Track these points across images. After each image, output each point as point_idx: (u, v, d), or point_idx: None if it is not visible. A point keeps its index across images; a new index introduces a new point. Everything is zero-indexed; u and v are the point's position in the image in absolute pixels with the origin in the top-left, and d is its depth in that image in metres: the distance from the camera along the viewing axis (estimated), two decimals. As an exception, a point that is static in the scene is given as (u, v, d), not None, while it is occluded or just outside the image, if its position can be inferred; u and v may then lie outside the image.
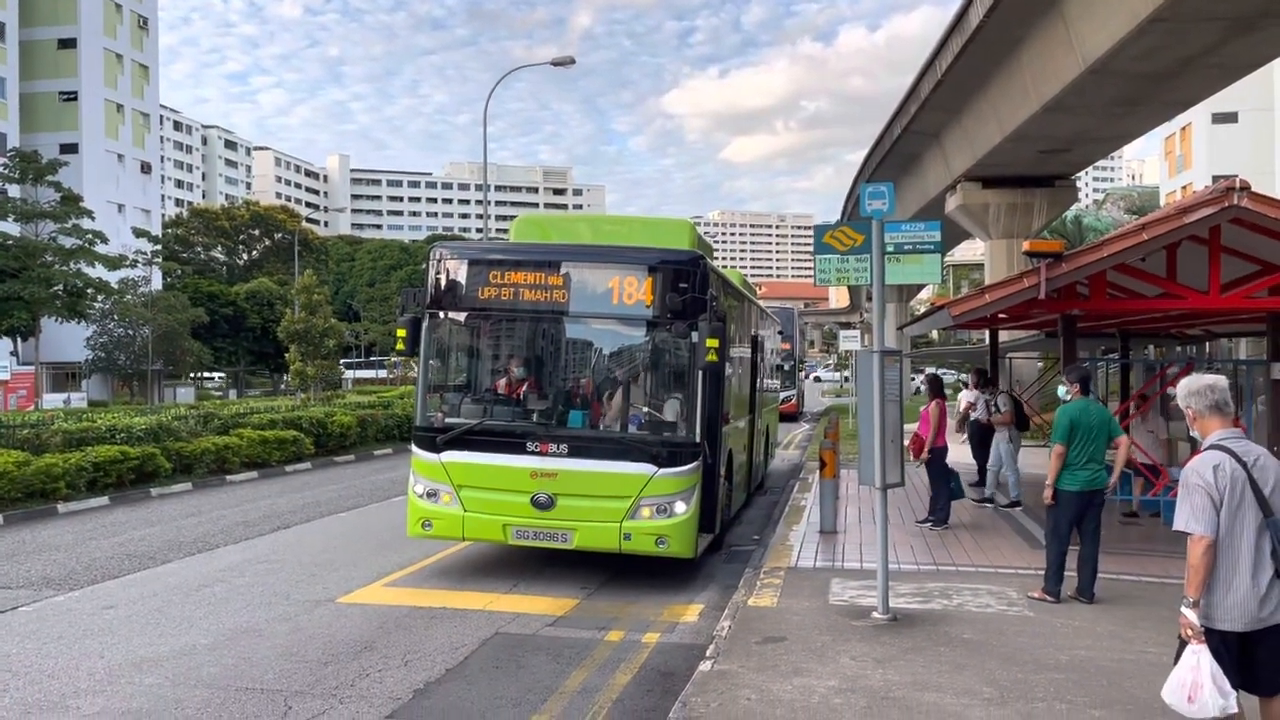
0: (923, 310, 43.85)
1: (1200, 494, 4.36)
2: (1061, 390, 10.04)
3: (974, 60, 23.54)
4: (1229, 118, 53.01)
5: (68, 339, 53.27)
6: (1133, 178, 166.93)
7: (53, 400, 44.75)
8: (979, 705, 5.94)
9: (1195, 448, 4.73)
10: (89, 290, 48.21)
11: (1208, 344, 19.30)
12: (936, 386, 13.08)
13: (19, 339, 48.10)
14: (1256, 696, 4.55)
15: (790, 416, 35.52)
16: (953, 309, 10.75)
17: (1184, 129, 56.80)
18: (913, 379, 44.07)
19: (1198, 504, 4.36)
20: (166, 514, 14.55)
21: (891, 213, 8.09)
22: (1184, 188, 55.24)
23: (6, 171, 46.98)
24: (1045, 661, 6.81)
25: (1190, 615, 4.34)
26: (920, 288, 66.64)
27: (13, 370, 43.68)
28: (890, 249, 8.11)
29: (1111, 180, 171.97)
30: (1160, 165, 68.57)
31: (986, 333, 19.63)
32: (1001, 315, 12.53)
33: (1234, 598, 4.34)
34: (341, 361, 62.08)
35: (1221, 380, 4.64)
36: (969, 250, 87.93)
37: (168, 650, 7.50)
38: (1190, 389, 4.65)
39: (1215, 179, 44.32)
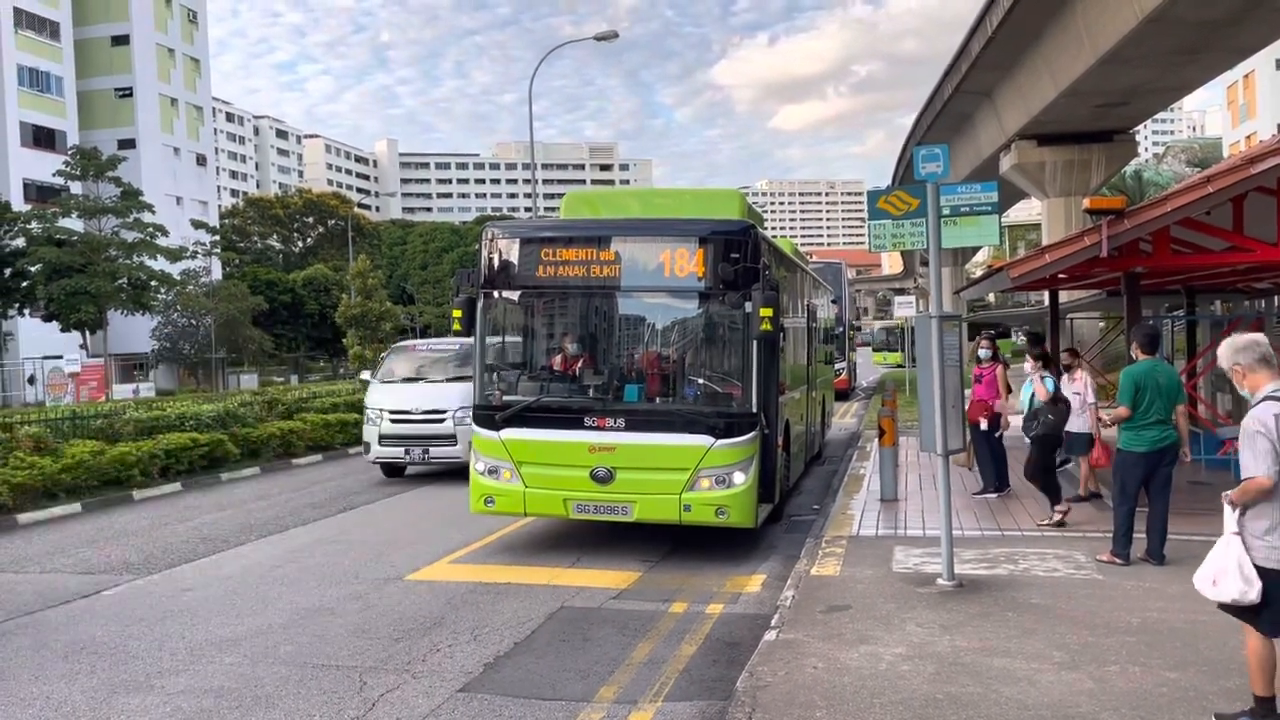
0: (979, 273, 43.14)
1: (1262, 439, 4.57)
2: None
3: (1025, 14, 23.01)
4: (1295, 63, 51.19)
5: (133, 331, 54.65)
6: (1194, 129, 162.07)
7: (122, 391, 45.94)
8: (1050, 669, 5.90)
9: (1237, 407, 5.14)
10: (152, 282, 49.33)
11: (1277, 298, 18.73)
12: (994, 351, 12.86)
13: (87, 332, 49.40)
14: None
15: (841, 394, 30.43)
16: (1012, 270, 10.59)
17: (1247, 77, 55.04)
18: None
19: (1261, 449, 4.58)
20: (237, 498, 14.92)
21: (946, 175, 7.96)
22: (1248, 137, 53.56)
23: (68, 169, 48.14)
24: (1116, 624, 6.73)
25: (1230, 519, 4.73)
26: (976, 250, 65.57)
27: (82, 363, 44.86)
28: (946, 212, 7.99)
29: (1172, 133, 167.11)
30: (1223, 115, 66.58)
31: (1046, 294, 19.27)
32: (1062, 275, 12.27)
33: None
34: None
35: (1262, 336, 4.90)
36: (1024, 210, 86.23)
37: (245, 630, 7.72)
38: (1236, 346, 4.85)
39: (1282, 127, 42.85)
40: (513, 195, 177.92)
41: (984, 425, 12.24)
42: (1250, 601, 4.67)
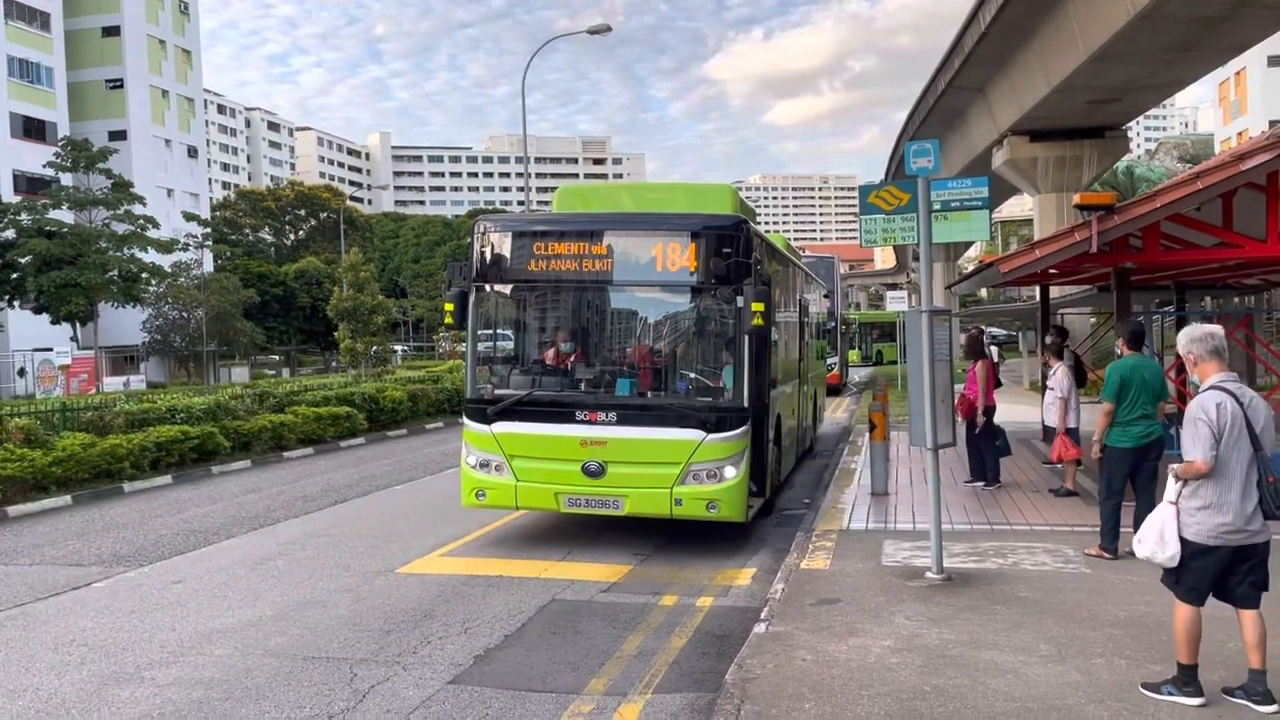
0: (971, 268, 43.20)
1: (1203, 426, 5.04)
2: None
3: (1018, 10, 23.05)
4: (1286, 60, 51.34)
5: (124, 323, 54.40)
6: (1186, 125, 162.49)
7: (113, 383, 45.68)
8: (1037, 662, 5.94)
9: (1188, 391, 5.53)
10: (143, 275, 49.09)
11: (1266, 294, 18.84)
12: (978, 345, 12.90)
13: (78, 324, 49.18)
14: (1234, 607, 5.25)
15: (833, 389, 30.10)
16: (1002, 265, 10.63)
17: (1238, 74, 55.21)
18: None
19: (1201, 434, 5.04)
20: (227, 491, 14.90)
21: (937, 170, 8.00)
22: (1240, 134, 53.73)
23: (59, 160, 47.91)
24: (1104, 618, 6.78)
25: (1171, 489, 5.19)
26: (968, 245, 65.65)
27: (73, 355, 44.69)
28: (937, 207, 8.02)
29: (1164, 129, 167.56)
30: (1214, 112, 66.77)
31: (1037, 289, 19.34)
32: (1052, 270, 12.35)
33: (1224, 518, 5.04)
34: (398, 349, 62.59)
35: (1219, 329, 5.33)
36: (1017, 206, 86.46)
37: (235, 622, 7.72)
38: (1193, 336, 5.30)
39: (1272, 124, 42.97)
40: (505, 189, 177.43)
41: (960, 419, 12.30)
42: (1161, 562, 5.22)
